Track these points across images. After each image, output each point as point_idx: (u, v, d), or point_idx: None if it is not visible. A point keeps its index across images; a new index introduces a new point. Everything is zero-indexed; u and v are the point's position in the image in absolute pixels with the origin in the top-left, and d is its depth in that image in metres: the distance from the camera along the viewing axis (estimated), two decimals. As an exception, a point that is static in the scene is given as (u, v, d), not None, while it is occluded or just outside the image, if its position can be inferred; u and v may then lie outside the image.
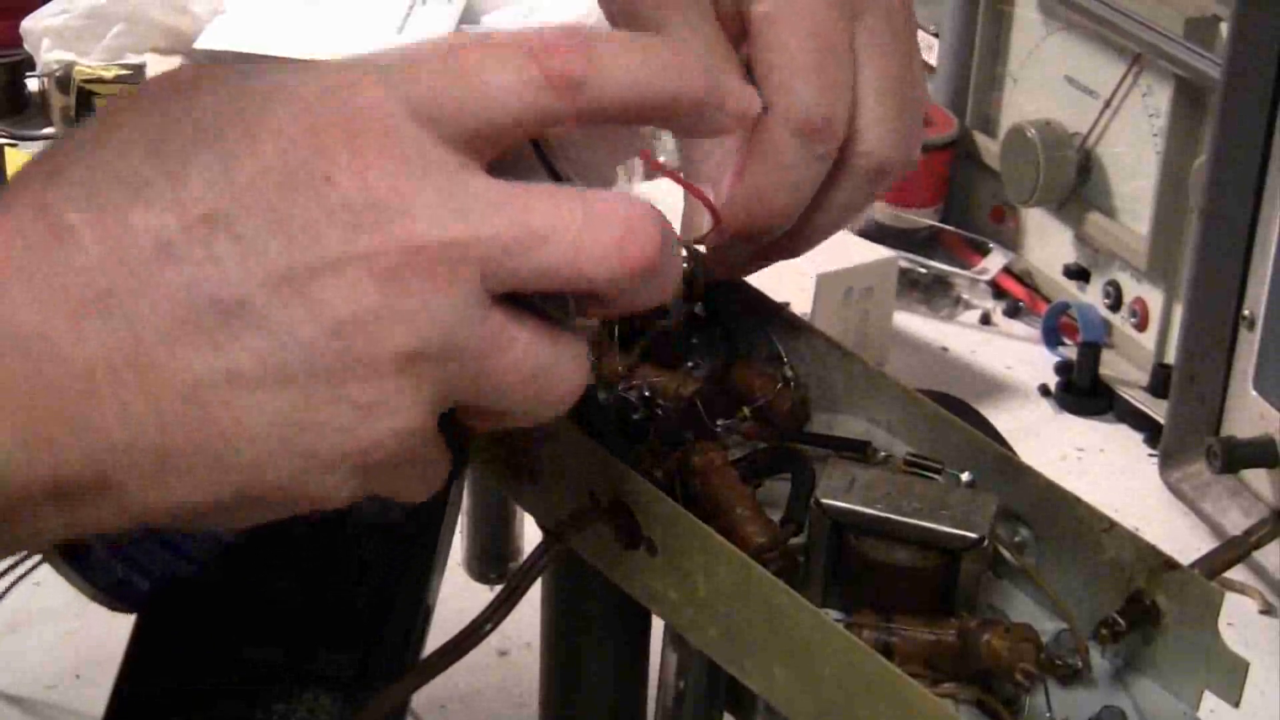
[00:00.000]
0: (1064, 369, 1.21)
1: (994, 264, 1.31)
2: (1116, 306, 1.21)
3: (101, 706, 0.64)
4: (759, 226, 0.57)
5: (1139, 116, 1.16)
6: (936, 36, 1.38)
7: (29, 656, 0.87)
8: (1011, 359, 1.24)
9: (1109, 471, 1.12)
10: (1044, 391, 1.20)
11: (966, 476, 0.64)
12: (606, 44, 0.46)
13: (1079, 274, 1.25)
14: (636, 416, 0.67)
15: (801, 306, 1.13)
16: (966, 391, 1.12)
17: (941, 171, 1.34)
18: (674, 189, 0.58)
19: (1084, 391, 1.19)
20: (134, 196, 0.42)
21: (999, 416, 0.75)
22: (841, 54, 0.55)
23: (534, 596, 0.66)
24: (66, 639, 0.88)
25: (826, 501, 0.60)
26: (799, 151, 0.55)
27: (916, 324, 1.27)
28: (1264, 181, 1.00)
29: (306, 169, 0.42)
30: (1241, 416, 1.03)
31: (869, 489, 0.60)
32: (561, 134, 0.48)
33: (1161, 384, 1.13)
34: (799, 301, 1.13)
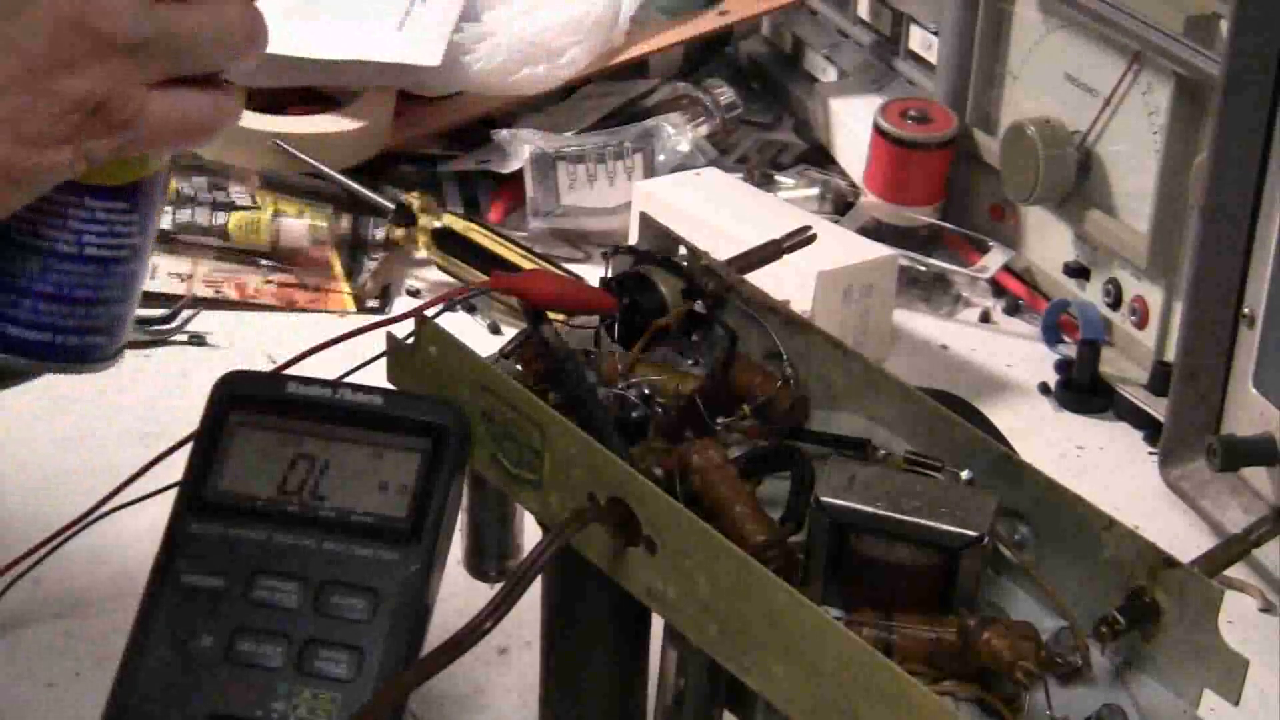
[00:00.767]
0: (1064, 367, 1.21)
1: (994, 262, 1.30)
2: (1116, 304, 1.21)
3: (101, 706, 0.64)
4: None
5: (1139, 114, 1.16)
6: (936, 34, 1.38)
7: (29, 656, 0.87)
8: (1011, 357, 1.24)
9: (1109, 469, 1.12)
10: (1044, 389, 1.20)
11: (966, 474, 0.64)
12: None
13: (1079, 272, 1.24)
14: (636, 415, 0.67)
15: (801, 304, 1.13)
16: (966, 389, 1.12)
17: (941, 169, 1.34)
18: (674, 189, 0.58)
19: (1084, 389, 1.18)
20: None
21: (999, 414, 0.75)
22: None
23: (534, 595, 0.66)
24: (66, 639, 0.88)
25: (826, 500, 0.60)
26: None
27: (916, 322, 1.27)
28: (1264, 179, 0.99)
29: None
30: (1241, 414, 1.03)
31: (869, 487, 0.60)
32: None
33: (1161, 382, 1.13)
34: (799, 299, 1.12)
